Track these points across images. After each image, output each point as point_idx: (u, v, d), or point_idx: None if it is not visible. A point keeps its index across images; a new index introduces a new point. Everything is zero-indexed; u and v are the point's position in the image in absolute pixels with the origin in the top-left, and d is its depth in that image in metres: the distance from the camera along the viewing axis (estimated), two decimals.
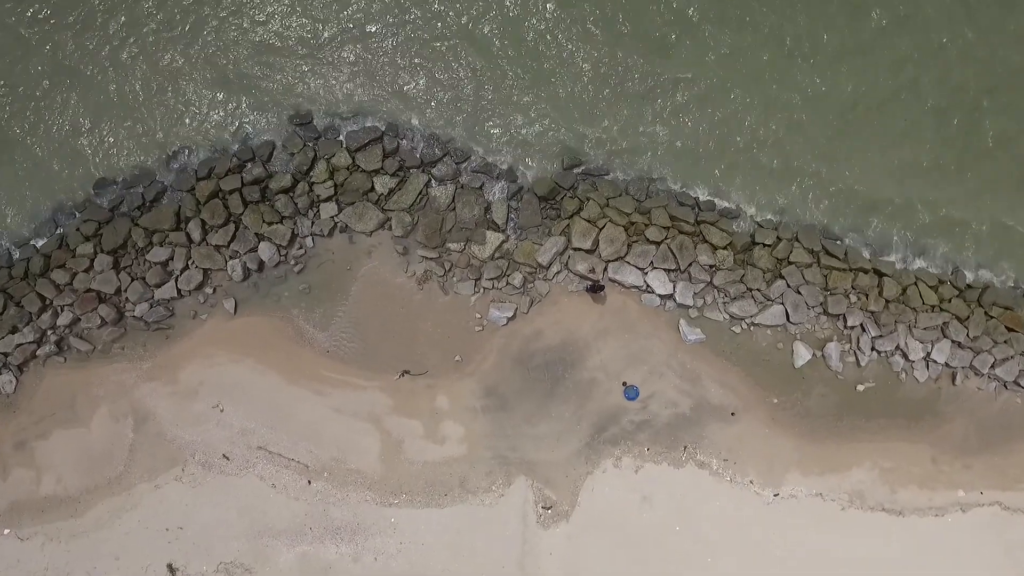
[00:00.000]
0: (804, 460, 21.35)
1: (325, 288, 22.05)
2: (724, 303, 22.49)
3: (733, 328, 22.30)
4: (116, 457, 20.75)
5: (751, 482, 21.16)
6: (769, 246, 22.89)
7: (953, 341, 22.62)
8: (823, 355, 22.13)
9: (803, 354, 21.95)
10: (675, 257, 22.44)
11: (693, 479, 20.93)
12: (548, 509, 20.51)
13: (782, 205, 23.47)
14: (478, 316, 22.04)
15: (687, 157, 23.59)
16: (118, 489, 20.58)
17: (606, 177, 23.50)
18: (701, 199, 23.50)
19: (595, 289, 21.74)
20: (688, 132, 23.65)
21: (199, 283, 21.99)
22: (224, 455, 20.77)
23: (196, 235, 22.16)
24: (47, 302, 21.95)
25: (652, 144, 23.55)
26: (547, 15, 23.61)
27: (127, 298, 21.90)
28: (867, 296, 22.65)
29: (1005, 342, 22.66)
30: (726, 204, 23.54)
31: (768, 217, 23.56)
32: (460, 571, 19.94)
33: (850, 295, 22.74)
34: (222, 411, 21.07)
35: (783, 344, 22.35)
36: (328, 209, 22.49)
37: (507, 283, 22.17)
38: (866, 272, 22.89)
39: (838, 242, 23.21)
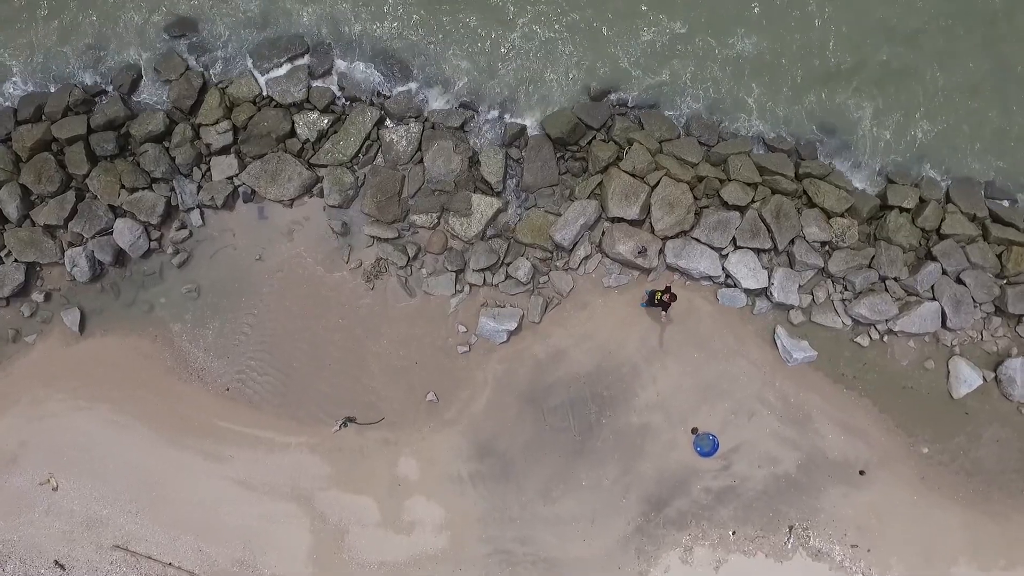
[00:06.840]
0: (978, 543, 16.89)
1: (222, 290, 18.06)
2: (845, 301, 17.80)
3: (859, 339, 17.76)
4: None
5: None
6: (910, 211, 17.99)
7: None
8: (998, 378, 17.69)
9: (968, 377, 17.50)
10: (769, 230, 17.63)
11: None
12: None
13: (927, 148, 18.49)
14: (462, 329, 17.99)
15: (778, 72, 18.66)
16: None
17: (656, 109, 18.74)
18: (803, 140, 18.73)
19: (662, 301, 16.41)
20: (784, 34, 18.46)
21: (19, 285, 17.55)
22: (57, 561, 16.33)
23: (12, 210, 17.47)
24: None
25: (729, 55, 18.51)
26: None
27: None
28: None
29: None
30: (839, 143, 18.72)
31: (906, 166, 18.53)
32: None
33: None
34: (56, 489, 16.71)
35: (935, 362, 17.86)
36: (224, 166, 18.13)
37: (507, 276, 18.11)
38: None
39: (1012, 204, 18.48)
